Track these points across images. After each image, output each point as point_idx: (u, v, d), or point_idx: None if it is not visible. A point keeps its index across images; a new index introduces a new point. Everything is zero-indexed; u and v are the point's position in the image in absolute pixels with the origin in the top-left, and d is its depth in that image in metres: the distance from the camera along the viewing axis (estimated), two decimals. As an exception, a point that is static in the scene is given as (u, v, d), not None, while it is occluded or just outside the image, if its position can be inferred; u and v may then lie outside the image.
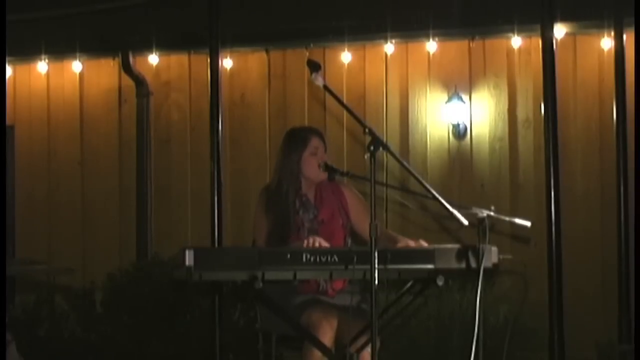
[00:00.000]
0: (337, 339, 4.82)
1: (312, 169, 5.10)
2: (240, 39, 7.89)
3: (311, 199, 5.15)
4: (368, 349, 4.58)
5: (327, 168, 5.05)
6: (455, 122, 7.83)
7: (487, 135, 7.83)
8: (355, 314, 4.81)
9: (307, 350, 4.79)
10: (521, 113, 7.77)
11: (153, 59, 8.35)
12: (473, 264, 4.50)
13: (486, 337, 4.53)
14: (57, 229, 8.68)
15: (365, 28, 7.81)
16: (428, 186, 4.41)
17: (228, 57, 8.14)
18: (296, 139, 5.18)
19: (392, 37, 7.81)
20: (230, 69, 8.24)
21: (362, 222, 5.11)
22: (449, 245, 4.62)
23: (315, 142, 5.14)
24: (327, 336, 4.75)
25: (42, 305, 7.79)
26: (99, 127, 8.65)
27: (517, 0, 7.32)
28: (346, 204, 5.20)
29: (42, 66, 8.61)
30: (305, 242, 4.69)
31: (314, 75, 4.52)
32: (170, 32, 8.23)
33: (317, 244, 4.65)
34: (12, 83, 8.71)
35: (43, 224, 8.71)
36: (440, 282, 4.58)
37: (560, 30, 7.22)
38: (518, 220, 4.68)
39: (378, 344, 4.27)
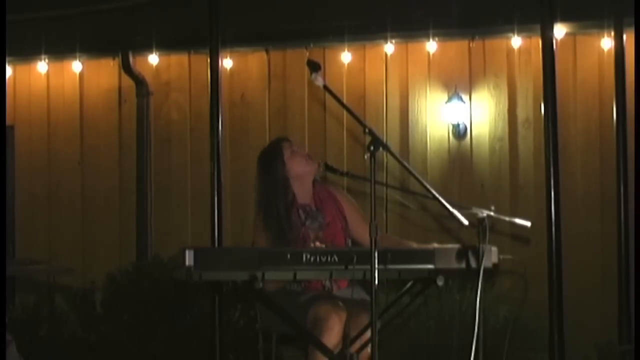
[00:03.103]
0: (345, 333, 4.80)
1: (298, 166, 5.10)
2: (240, 39, 7.89)
3: (312, 206, 5.15)
4: (368, 349, 4.58)
5: (327, 168, 5.06)
6: (455, 122, 7.83)
7: (487, 135, 7.83)
8: (361, 308, 4.79)
9: (313, 349, 4.78)
10: (521, 113, 7.77)
11: (153, 59, 8.35)
12: (473, 264, 4.51)
13: (486, 337, 4.53)
14: (57, 229, 8.68)
15: (365, 28, 7.81)
16: (428, 186, 4.41)
17: (228, 57, 8.14)
18: (268, 154, 5.16)
19: (392, 37, 7.80)
20: (230, 69, 8.24)
21: (359, 229, 5.11)
22: (449, 245, 4.62)
23: (286, 144, 5.15)
24: (335, 329, 4.73)
25: (42, 305, 7.79)
26: (99, 127, 8.65)
27: (517, 0, 7.32)
28: (343, 209, 5.20)
29: (42, 66, 8.61)
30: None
31: (314, 75, 4.52)
32: (170, 32, 8.22)
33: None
34: (12, 83, 8.71)
35: (43, 224, 8.71)
36: (440, 282, 4.58)
37: (560, 30, 7.22)
38: (518, 220, 4.68)
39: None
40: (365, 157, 4.28)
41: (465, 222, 4.36)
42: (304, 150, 5.17)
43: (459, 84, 7.82)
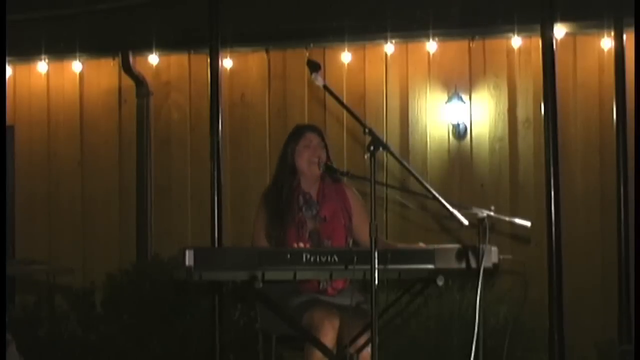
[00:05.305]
0: (338, 339, 4.82)
1: (303, 161, 5.12)
2: (240, 39, 7.89)
3: (314, 196, 5.16)
4: (368, 349, 4.58)
5: (327, 168, 5.06)
6: (455, 122, 7.83)
7: (487, 135, 7.83)
8: (355, 314, 4.81)
9: (309, 351, 4.78)
10: (521, 113, 7.78)
11: (153, 59, 8.35)
12: (473, 264, 4.51)
13: (486, 337, 4.54)
14: (57, 229, 8.67)
15: (365, 28, 7.81)
16: (428, 186, 4.41)
17: (228, 57, 8.14)
18: (292, 134, 5.24)
19: (392, 37, 7.80)
20: (230, 69, 8.23)
21: (362, 228, 5.11)
22: (449, 245, 4.62)
23: (310, 136, 5.17)
24: (328, 336, 4.75)
25: (42, 305, 7.79)
26: (99, 127, 8.65)
27: (517, 0, 7.32)
28: (350, 206, 5.21)
29: (42, 66, 8.60)
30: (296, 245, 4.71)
31: (314, 75, 4.52)
32: (170, 32, 8.22)
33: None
34: (12, 83, 8.71)
35: (43, 224, 8.71)
36: (440, 282, 4.59)
37: (560, 30, 7.22)
38: (518, 220, 4.68)
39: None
40: (365, 157, 4.29)
41: (465, 222, 4.36)
42: (318, 149, 5.13)
43: (459, 84, 7.82)
